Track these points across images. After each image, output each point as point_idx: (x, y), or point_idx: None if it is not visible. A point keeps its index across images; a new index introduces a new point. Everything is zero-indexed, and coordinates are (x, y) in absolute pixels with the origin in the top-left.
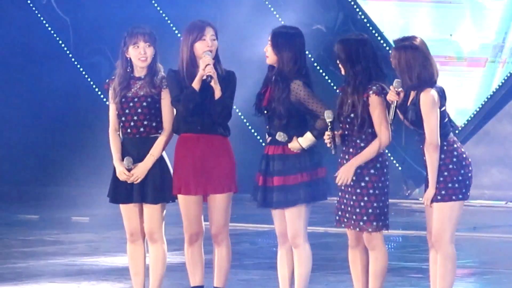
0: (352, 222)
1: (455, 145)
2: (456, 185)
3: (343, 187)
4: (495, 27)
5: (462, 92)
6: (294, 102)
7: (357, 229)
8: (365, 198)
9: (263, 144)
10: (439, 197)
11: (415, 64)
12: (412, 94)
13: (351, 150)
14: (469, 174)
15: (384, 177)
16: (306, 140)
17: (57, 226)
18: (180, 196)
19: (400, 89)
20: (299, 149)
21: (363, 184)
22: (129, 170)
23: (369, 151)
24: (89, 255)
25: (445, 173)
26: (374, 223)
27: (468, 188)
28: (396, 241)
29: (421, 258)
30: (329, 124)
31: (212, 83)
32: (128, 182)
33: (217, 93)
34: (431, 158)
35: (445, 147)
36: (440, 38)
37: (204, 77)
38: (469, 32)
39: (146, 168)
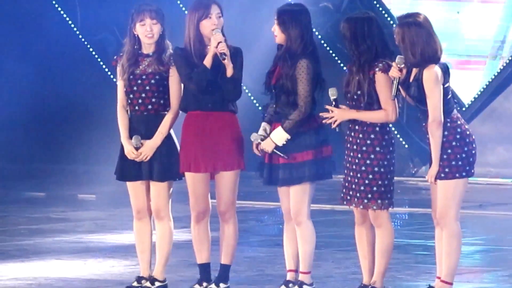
0: (356, 200)
1: (458, 122)
2: (460, 163)
3: (348, 165)
4: (496, 24)
5: (463, 87)
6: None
7: (361, 207)
8: (370, 176)
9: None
10: (442, 175)
11: (419, 40)
12: (415, 70)
13: (357, 127)
14: (473, 151)
15: (390, 155)
16: (278, 135)
17: (63, 203)
18: (188, 174)
19: (402, 66)
20: (272, 147)
21: (368, 161)
22: (137, 148)
23: (373, 115)
24: (96, 233)
25: (449, 151)
26: (379, 201)
27: (472, 165)
28: (402, 218)
29: (427, 236)
30: (333, 102)
31: (226, 61)
32: (137, 160)
33: (230, 71)
34: (435, 135)
35: (448, 124)
36: (447, 17)
37: (218, 55)
38: (469, 29)
39: (155, 145)
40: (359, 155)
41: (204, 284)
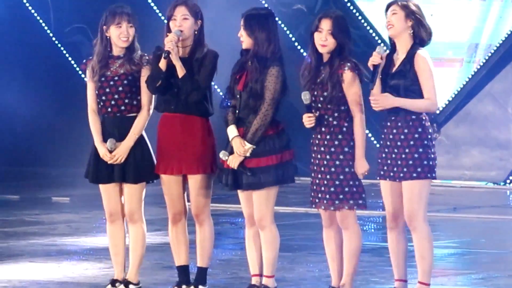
0: (326, 202)
1: (428, 124)
2: (431, 163)
3: (315, 167)
4: (470, 27)
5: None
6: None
7: (332, 209)
8: (341, 177)
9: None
10: (414, 174)
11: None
12: (399, 61)
13: (323, 129)
14: (435, 155)
15: None
16: (248, 147)
17: (37, 206)
18: (162, 176)
19: (385, 53)
20: (237, 163)
21: (337, 162)
22: (111, 151)
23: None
24: (70, 235)
25: (420, 149)
26: (351, 201)
27: (435, 168)
28: (376, 221)
29: None
30: (307, 105)
31: (173, 60)
32: (112, 163)
33: (179, 71)
34: (422, 105)
35: (423, 122)
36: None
37: (164, 54)
38: (443, 32)
39: (128, 147)
40: (328, 157)
41: (183, 286)
